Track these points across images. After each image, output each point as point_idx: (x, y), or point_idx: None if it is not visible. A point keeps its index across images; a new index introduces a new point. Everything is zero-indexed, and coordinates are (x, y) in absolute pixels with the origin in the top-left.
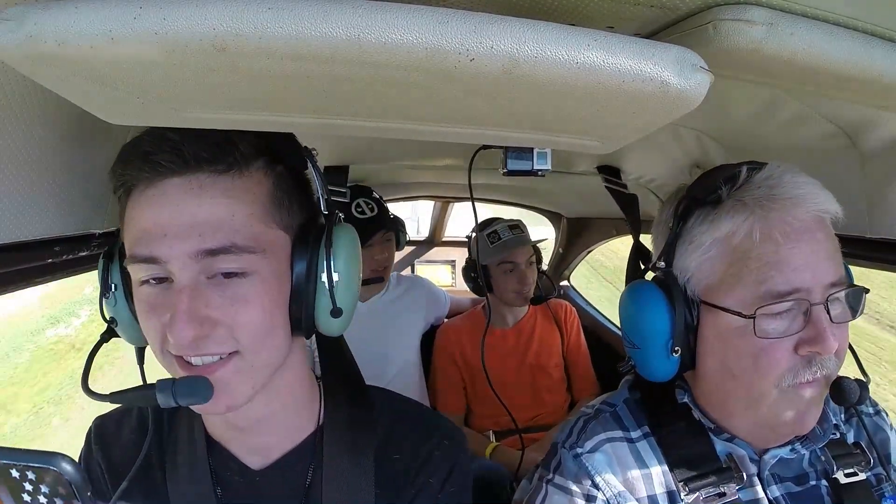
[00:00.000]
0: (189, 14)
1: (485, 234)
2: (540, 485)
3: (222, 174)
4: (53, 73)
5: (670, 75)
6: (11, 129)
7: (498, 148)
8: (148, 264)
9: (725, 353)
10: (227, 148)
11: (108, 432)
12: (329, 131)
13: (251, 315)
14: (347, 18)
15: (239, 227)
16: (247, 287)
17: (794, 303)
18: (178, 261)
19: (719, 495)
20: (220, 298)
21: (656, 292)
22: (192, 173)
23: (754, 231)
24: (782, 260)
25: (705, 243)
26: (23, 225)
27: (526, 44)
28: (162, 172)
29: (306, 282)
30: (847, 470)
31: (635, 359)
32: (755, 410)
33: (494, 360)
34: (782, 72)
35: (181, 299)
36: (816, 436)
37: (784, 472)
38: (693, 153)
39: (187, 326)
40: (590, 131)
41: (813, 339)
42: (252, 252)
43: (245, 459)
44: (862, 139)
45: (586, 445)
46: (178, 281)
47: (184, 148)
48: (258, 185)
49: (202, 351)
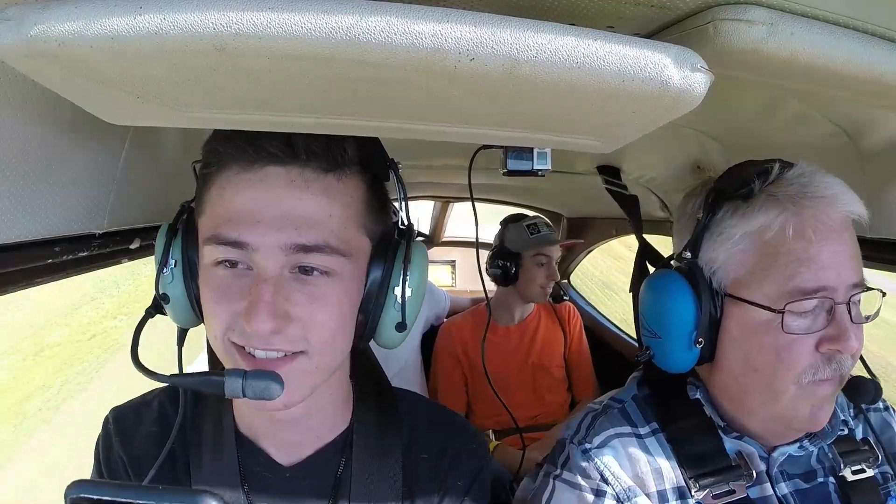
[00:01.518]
0: (189, 14)
1: (523, 224)
2: (546, 481)
3: (326, 172)
4: (53, 73)
5: (670, 75)
6: (11, 128)
7: (498, 148)
8: (232, 248)
9: (749, 346)
10: (336, 147)
11: (128, 424)
12: (328, 131)
13: (328, 316)
14: (347, 18)
15: (335, 228)
16: (329, 287)
17: (820, 300)
18: (269, 250)
19: (729, 492)
20: (301, 295)
21: (682, 282)
22: (298, 166)
23: (787, 227)
24: (812, 257)
25: (735, 236)
26: (23, 225)
27: (526, 44)
28: (265, 158)
29: (378, 292)
30: (854, 467)
31: (654, 348)
32: (772, 405)
33: (497, 357)
34: (782, 72)
35: (265, 290)
36: (825, 432)
37: (792, 469)
38: (693, 153)
39: (268, 318)
40: (590, 131)
41: (835, 338)
42: (342, 255)
43: (275, 455)
44: (862, 139)
45: (595, 441)
46: (262, 271)
47: (294, 137)
48: (356, 189)
49: (273, 346)
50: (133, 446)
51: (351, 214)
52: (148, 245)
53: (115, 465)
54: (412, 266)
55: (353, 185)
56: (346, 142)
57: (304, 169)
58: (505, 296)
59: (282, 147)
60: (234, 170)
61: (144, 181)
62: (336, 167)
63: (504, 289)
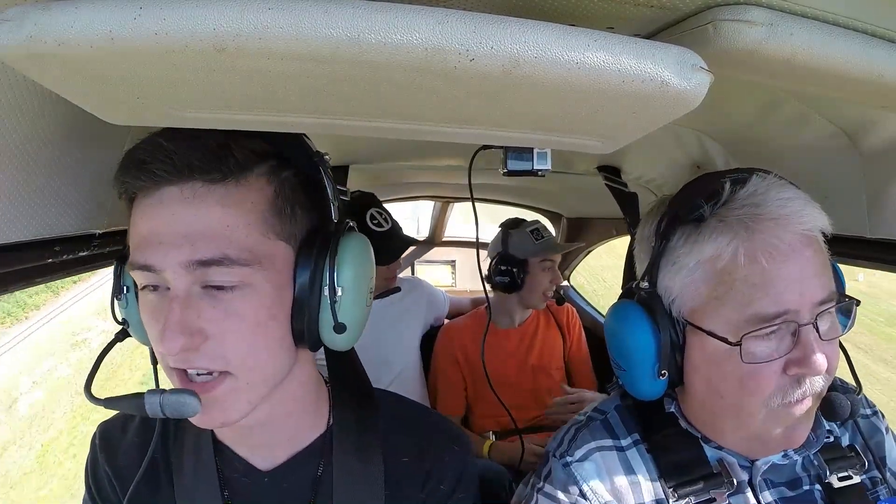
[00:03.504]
0: (189, 14)
1: (526, 230)
2: (531, 493)
3: (217, 182)
4: (53, 73)
5: (670, 75)
6: (11, 128)
7: (498, 148)
8: (144, 272)
9: (711, 374)
10: (222, 155)
11: (113, 437)
12: (329, 131)
13: (244, 330)
14: (347, 18)
15: (234, 239)
16: (242, 301)
17: (782, 325)
18: (171, 270)
19: (709, 501)
20: (214, 311)
21: (641, 314)
22: (186, 182)
23: (739, 254)
24: (768, 282)
25: (689, 265)
26: (23, 225)
27: (526, 44)
28: (157, 181)
29: (309, 295)
30: (841, 474)
31: (623, 380)
32: (744, 428)
33: (497, 359)
34: (782, 72)
35: (172, 308)
36: (810, 442)
37: (777, 477)
38: (693, 153)
39: (176, 336)
40: (590, 131)
41: (801, 361)
42: (246, 265)
43: (252, 460)
44: (862, 139)
45: (576, 454)
46: (173, 290)
47: (175, 156)
48: (257, 194)
49: (192, 364)
50: (117, 459)
51: (252, 221)
52: None
53: (101, 479)
54: (341, 261)
55: (253, 190)
56: (236, 147)
57: (193, 182)
58: (504, 300)
59: (166, 166)
60: (140, 196)
61: None
62: (226, 176)
63: (500, 293)
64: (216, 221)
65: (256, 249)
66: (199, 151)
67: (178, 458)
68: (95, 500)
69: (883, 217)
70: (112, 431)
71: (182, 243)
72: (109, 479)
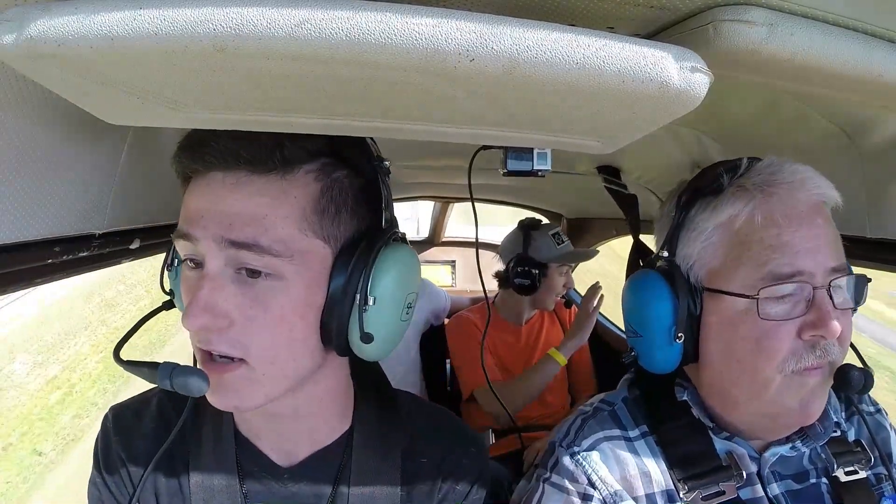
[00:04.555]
0: (188, 15)
1: (548, 233)
2: (537, 484)
3: (261, 174)
4: (53, 74)
5: (670, 76)
6: (11, 128)
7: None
8: (184, 241)
9: (729, 337)
10: (273, 149)
11: (127, 422)
12: (328, 132)
13: (267, 321)
14: (347, 19)
15: (268, 228)
16: (269, 291)
17: (797, 286)
18: (205, 242)
19: (718, 493)
20: (242, 297)
21: (659, 280)
22: (232, 169)
23: (756, 215)
24: (784, 243)
25: (707, 229)
26: (23, 225)
27: (526, 45)
28: (209, 165)
29: (341, 300)
30: (847, 468)
31: (637, 348)
32: (758, 399)
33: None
34: (782, 72)
35: (202, 286)
36: (817, 433)
37: (784, 469)
38: (693, 153)
39: (199, 314)
40: (590, 132)
41: (816, 323)
42: (277, 255)
43: (273, 457)
44: (862, 139)
45: (583, 444)
46: (205, 268)
47: (226, 146)
48: (301, 190)
49: (212, 346)
50: (132, 444)
51: (291, 214)
52: (148, 245)
53: (114, 463)
54: (378, 271)
55: (297, 186)
56: (290, 143)
57: (238, 171)
58: (514, 299)
59: (215, 154)
60: (194, 178)
61: (144, 181)
62: (272, 169)
63: (510, 293)
64: (253, 208)
65: (290, 243)
66: (250, 143)
67: (195, 449)
68: (106, 480)
69: (883, 217)
70: (126, 415)
71: (221, 220)
72: (123, 462)
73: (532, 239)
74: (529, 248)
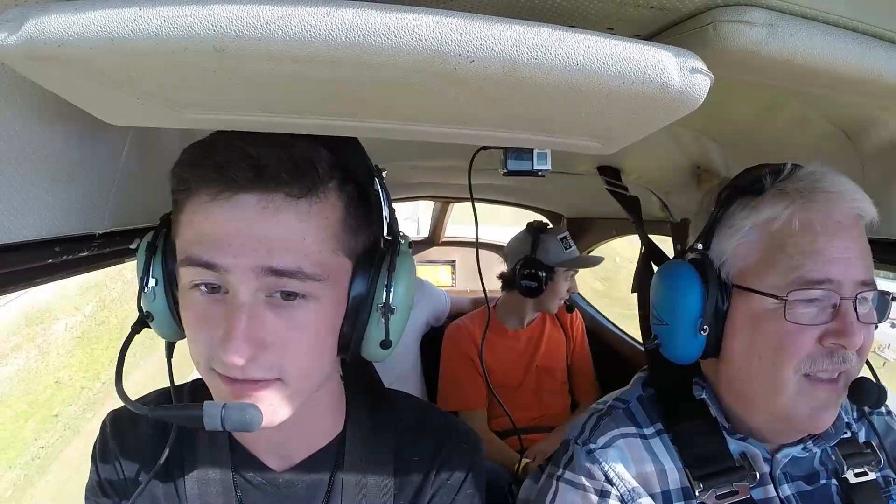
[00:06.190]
0: (188, 16)
1: (556, 237)
2: (549, 482)
3: (298, 199)
4: (53, 74)
5: (670, 77)
6: (11, 128)
7: (498, 149)
8: (205, 269)
9: (752, 335)
10: (307, 169)
11: (125, 427)
12: (328, 132)
13: (305, 342)
14: (347, 20)
15: (308, 253)
16: (307, 313)
17: (825, 293)
18: (241, 273)
19: (732, 493)
20: (278, 321)
21: (691, 272)
22: (268, 193)
23: (794, 219)
24: (818, 251)
25: (744, 228)
26: (23, 225)
27: (526, 46)
28: (234, 187)
29: (363, 310)
30: (857, 470)
31: (662, 336)
32: (773, 400)
33: (507, 359)
34: (782, 73)
35: (239, 318)
36: (828, 434)
37: (795, 471)
38: (693, 154)
39: (242, 347)
40: (590, 132)
41: (839, 332)
42: (317, 280)
43: (267, 460)
44: (862, 139)
45: (599, 441)
46: (237, 296)
47: (263, 165)
48: (332, 209)
49: (247, 375)
50: (129, 449)
51: (325, 237)
52: None
53: (111, 466)
54: (397, 280)
55: (329, 206)
56: (319, 161)
57: (274, 195)
58: (517, 301)
59: (250, 175)
60: (204, 198)
61: (144, 181)
62: (308, 192)
63: (514, 294)
64: (294, 234)
65: (326, 265)
66: (285, 163)
67: (190, 453)
68: (103, 484)
69: (883, 217)
70: (123, 422)
71: (258, 247)
72: (121, 467)
73: (541, 242)
74: (538, 250)
